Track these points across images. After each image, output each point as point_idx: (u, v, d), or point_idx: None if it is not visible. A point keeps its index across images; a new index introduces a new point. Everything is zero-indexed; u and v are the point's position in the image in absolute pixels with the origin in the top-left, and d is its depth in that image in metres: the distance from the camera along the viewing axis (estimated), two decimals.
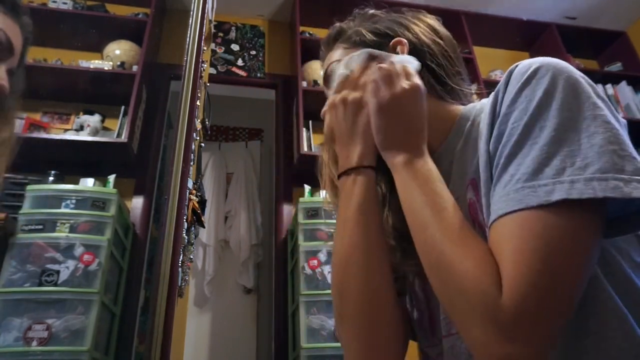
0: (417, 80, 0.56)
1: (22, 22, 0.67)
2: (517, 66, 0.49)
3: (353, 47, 0.66)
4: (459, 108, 0.63)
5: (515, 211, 0.41)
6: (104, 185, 2.11)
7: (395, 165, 0.55)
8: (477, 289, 0.41)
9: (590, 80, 0.47)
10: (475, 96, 0.67)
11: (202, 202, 1.57)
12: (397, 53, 0.63)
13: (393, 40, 0.65)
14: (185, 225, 1.32)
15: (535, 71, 0.46)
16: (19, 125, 2.27)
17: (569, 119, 0.43)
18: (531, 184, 0.41)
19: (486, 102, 0.58)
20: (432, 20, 0.69)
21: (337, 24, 0.72)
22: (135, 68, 2.46)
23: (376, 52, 0.62)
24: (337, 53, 0.68)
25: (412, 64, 0.59)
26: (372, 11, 0.71)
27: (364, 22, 0.69)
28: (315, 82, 2.73)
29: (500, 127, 0.47)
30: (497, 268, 0.41)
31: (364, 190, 0.57)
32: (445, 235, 0.46)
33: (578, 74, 0.46)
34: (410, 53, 0.62)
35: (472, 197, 0.52)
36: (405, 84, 0.56)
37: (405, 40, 0.64)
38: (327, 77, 0.69)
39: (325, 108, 0.64)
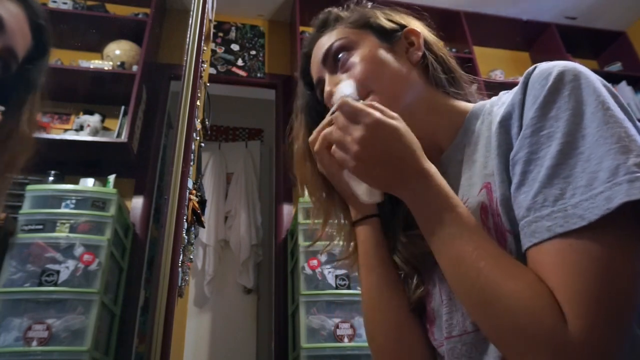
0: (367, 116, 0.49)
1: (27, 5, 0.65)
2: (535, 69, 0.49)
3: (361, 28, 0.65)
4: (469, 105, 0.63)
5: (572, 232, 0.39)
6: (104, 185, 2.11)
7: (405, 200, 0.52)
8: (541, 325, 0.38)
9: (607, 84, 0.46)
10: (477, 96, 0.68)
11: (202, 202, 1.57)
12: (412, 43, 0.64)
13: (406, 30, 0.65)
14: (185, 225, 1.32)
15: (560, 79, 0.45)
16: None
17: (609, 122, 0.41)
18: (588, 196, 0.39)
19: (496, 101, 0.58)
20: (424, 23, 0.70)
21: (333, 9, 0.69)
22: (135, 68, 2.45)
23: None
24: (338, 31, 0.65)
25: (347, 88, 0.55)
26: (371, 3, 0.70)
27: (369, 9, 0.68)
28: None
29: (527, 137, 0.45)
30: (553, 297, 0.39)
31: (365, 241, 0.62)
32: (486, 266, 0.42)
33: (597, 78, 0.46)
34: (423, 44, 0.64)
35: (485, 200, 0.51)
36: (358, 132, 0.48)
37: (419, 31, 0.64)
38: (327, 55, 0.65)
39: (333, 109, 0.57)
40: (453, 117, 0.62)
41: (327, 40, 0.65)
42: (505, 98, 0.55)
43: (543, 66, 0.48)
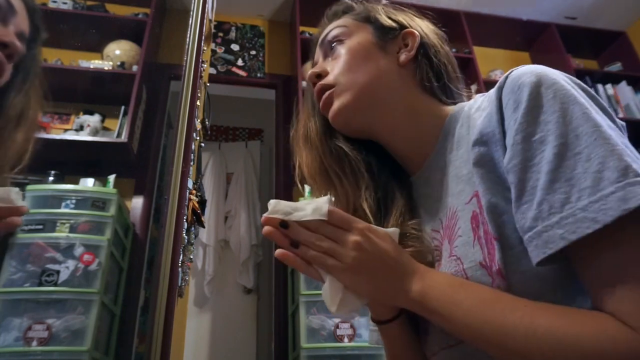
0: (360, 235, 0.49)
1: None
2: (507, 77, 0.49)
3: (362, 21, 0.66)
4: (450, 108, 0.63)
5: (587, 237, 0.38)
6: (104, 185, 2.11)
7: (410, 307, 0.50)
8: (610, 348, 0.36)
9: (579, 81, 0.47)
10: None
11: (202, 202, 1.57)
12: (407, 44, 0.64)
13: (405, 30, 0.65)
14: (185, 225, 1.32)
15: (539, 83, 0.45)
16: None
17: (602, 124, 0.41)
18: (597, 197, 0.38)
19: (472, 104, 0.58)
20: (435, 26, 0.69)
21: (348, 1, 0.71)
22: (135, 68, 2.45)
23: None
24: (342, 20, 0.67)
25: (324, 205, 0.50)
26: (384, 1, 0.71)
27: (375, 5, 0.69)
28: None
29: (518, 144, 0.44)
30: (597, 316, 0.38)
31: (387, 343, 0.61)
32: (530, 331, 0.40)
33: (570, 77, 0.47)
34: (418, 47, 0.63)
35: (475, 209, 0.51)
36: (353, 238, 0.48)
37: (417, 33, 0.64)
38: (324, 40, 0.67)
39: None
40: (435, 120, 0.61)
41: (331, 27, 0.67)
42: (481, 101, 0.55)
43: (516, 73, 0.48)
